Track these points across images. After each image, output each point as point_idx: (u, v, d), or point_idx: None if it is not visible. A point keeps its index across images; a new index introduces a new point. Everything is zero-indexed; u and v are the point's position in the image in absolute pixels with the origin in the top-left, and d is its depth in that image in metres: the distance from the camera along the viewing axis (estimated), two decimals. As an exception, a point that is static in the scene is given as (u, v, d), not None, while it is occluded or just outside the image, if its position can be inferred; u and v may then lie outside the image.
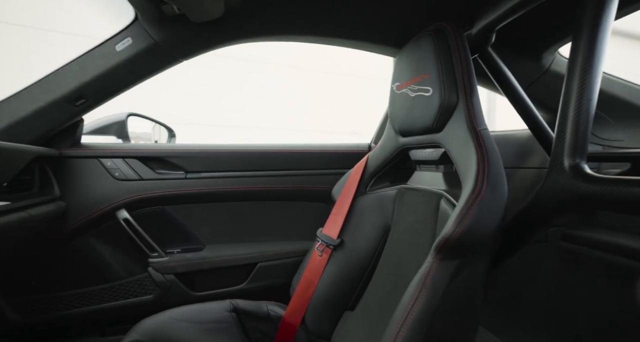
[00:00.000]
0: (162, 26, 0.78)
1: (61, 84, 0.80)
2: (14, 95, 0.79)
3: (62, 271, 0.93)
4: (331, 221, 0.88)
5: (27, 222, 0.71)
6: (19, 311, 0.88)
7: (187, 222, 1.04)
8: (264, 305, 0.90)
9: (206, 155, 1.04)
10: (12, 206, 0.69)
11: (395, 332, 0.44)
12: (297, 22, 0.85)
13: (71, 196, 0.90)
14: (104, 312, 0.94)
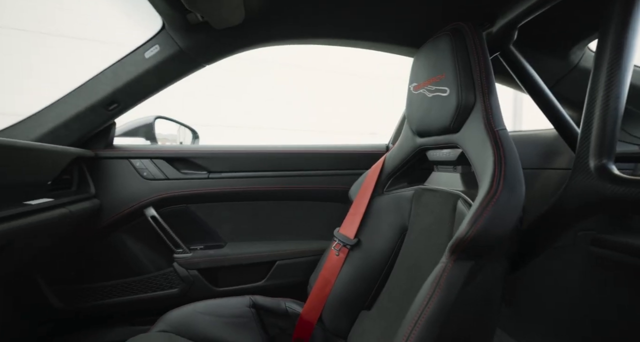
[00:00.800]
0: (187, 34, 0.82)
1: (97, 90, 0.86)
2: (57, 102, 0.86)
3: (97, 264, 1.00)
4: (348, 221, 0.89)
5: (67, 218, 0.77)
6: (62, 299, 0.96)
7: (209, 220, 1.08)
8: (282, 302, 0.93)
9: (228, 156, 1.08)
10: (55, 203, 0.75)
11: (409, 330, 0.44)
12: (315, 26, 0.87)
13: (104, 194, 0.97)
14: (134, 303, 1.00)
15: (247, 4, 0.73)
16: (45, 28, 3.07)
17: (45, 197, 0.75)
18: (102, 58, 0.87)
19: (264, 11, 0.79)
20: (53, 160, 0.78)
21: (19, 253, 0.72)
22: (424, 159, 0.81)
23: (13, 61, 2.99)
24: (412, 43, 0.90)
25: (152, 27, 0.86)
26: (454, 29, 0.62)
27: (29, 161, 0.70)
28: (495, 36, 0.74)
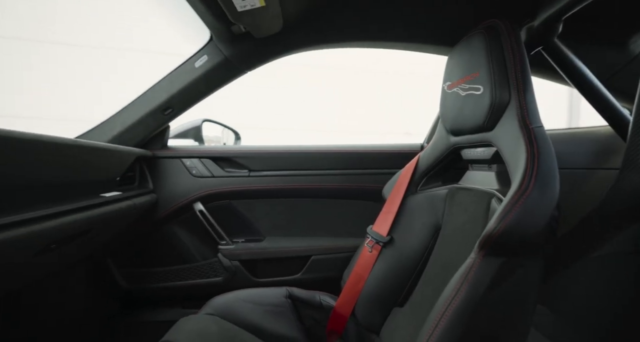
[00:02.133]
0: (231, 43, 0.90)
1: (155, 97, 0.97)
2: (123, 109, 0.98)
3: (154, 252, 1.13)
4: (381, 219, 0.90)
5: (132, 210, 0.89)
6: (128, 280, 1.10)
7: (250, 215, 1.16)
8: (317, 295, 0.97)
9: (267, 156, 1.15)
10: (123, 196, 0.87)
11: (435, 322, 0.46)
12: (350, 30, 0.90)
13: (160, 190, 1.09)
14: (184, 288, 1.11)
15: (285, 13, 0.79)
16: (111, 44, 3.47)
17: (115, 191, 0.87)
18: (161, 66, 0.98)
19: (301, 18, 0.84)
20: (121, 160, 0.90)
21: (96, 238, 0.85)
22: (459, 158, 0.80)
23: (87, 74, 3.41)
24: (448, 42, 0.89)
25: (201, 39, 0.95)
26: (489, 26, 0.61)
27: (104, 160, 0.82)
28: (537, 31, 0.71)
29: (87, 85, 3.41)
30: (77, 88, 3.42)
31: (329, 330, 0.92)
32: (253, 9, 0.70)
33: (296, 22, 0.86)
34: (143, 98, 0.98)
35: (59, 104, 3.39)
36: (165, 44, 3.22)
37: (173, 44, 1.00)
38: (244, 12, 0.71)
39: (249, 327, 0.81)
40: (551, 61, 0.75)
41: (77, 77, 3.46)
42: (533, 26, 0.72)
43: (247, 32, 0.85)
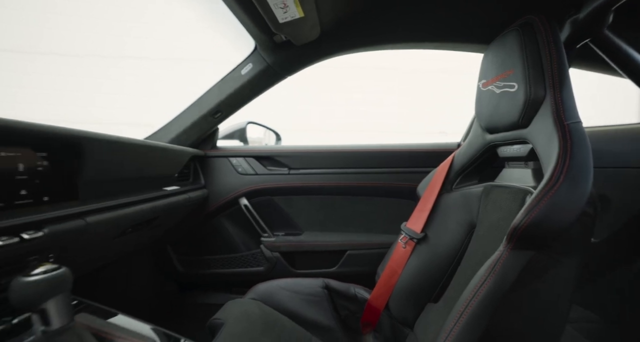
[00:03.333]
0: (273, 52, 0.98)
1: (207, 102, 1.09)
2: (181, 113, 1.11)
3: (205, 241, 1.26)
4: (415, 216, 0.92)
5: (188, 202, 1.01)
6: (183, 265, 1.24)
7: (289, 210, 1.24)
8: (352, 287, 1.01)
9: (306, 155, 1.22)
10: (181, 190, 1.00)
11: (460, 312, 0.47)
12: (386, 33, 0.93)
13: (210, 185, 1.21)
14: (230, 275, 1.22)
15: (322, 22, 0.84)
16: (173, 55, 3.85)
17: (174, 186, 1.00)
18: (213, 73, 1.09)
19: (338, 25, 0.89)
20: (179, 158, 1.03)
21: (160, 226, 0.98)
22: (495, 156, 0.79)
23: (154, 82, 3.82)
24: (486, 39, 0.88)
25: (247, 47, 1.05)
26: (524, 23, 0.61)
27: (166, 158, 0.95)
28: (583, 22, 0.69)
29: (153, 92, 3.80)
30: (146, 96, 3.84)
31: (363, 321, 0.95)
32: (293, 20, 0.77)
33: (333, 29, 0.91)
34: (197, 103, 1.10)
35: (130, 109, 3.83)
36: (219, 53, 3.48)
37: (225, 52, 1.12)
38: (284, 23, 0.78)
39: (287, 313, 0.88)
40: (600, 53, 0.71)
41: (145, 86, 3.88)
42: (578, 18, 0.69)
43: (288, 41, 0.92)
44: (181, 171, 1.08)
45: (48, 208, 0.56)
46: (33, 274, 0.37)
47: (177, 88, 3.55)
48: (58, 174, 0.60)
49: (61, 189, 0.61)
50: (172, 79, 3.83)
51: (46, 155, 0.58)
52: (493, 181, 0.79)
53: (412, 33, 0.92)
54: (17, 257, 0.48)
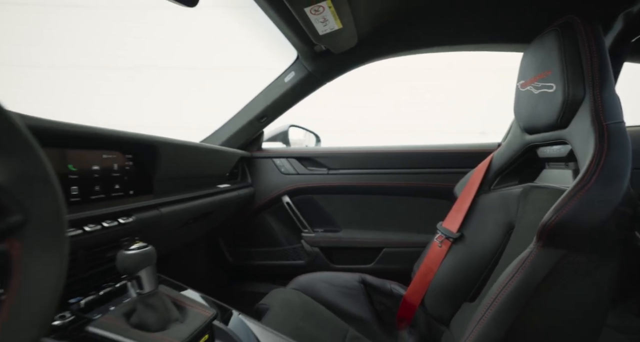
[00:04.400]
0: (313, 60, 1.05)
1: (254, 108, 1.20)
2: (231, 119, 1.24)
3: (251, 235, 1.37)
4: (452, 216, 0.93)
5: (237, 199, 1.13)
6: (233, 257, 1.37)
7: (328, 208, 1.31)
8: (388, 283, 1.05)
9: (344, 156, 1.28)
10: (231, 187, 1.12)
11: (488, 304, 0.50)
12: (424, 37, 0.96)
13: (256, 184, 1.32)
14: (273, 267, 1.33)
15: (359, 30, 0.90)
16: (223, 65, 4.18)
17: (226, 184, 1.12)
18: (259, 80, 1.20)
19: (374, 33, 0.94)
20: (230, 159, 1.15)
21: (213, 220, 1.11)
22: (535, 157, 0.78)
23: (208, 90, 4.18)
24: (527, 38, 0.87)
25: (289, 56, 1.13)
26: (564, 23, 0.61)
27: (220, 159, 1.07)
28: (638, 16, 0.66)
29: (207, 98, 4.16)
30: (200, 101, 4.21)
31: (399, 317, 0.99)
32: (332, 32, 0.84)
33: (370, 36, 0.96)
34: (245, 109, 1.22)
35: (193, 115, 4.22)
36: (265, 61, 3.72)
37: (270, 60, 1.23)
38: (324, 35, 0.85)
39: (325, 303, 0.95)
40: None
41: (199, 93, 4.25)
42: (632, 12, 0.67)
43: (327, 50, 0.99)
44: (231, 170, 1.21)
45: (133, 200, 0.69)
46: (131, 249, 0.48)
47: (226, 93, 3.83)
48: (139, 172, 0.73)
49: (141, 185, 0.74)
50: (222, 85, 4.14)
51: (131, 157, 0.72)
52: (533, 181, 0.78)
53: (450, 36, 0.93)
54: (116, 237, 0.60)
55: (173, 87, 4.32)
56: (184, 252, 1.19)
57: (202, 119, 3.38)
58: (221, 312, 0.63)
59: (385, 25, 0.92)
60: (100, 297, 0.54)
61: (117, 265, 0.48)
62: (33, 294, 0.25)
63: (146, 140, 0.72)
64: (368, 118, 4.35)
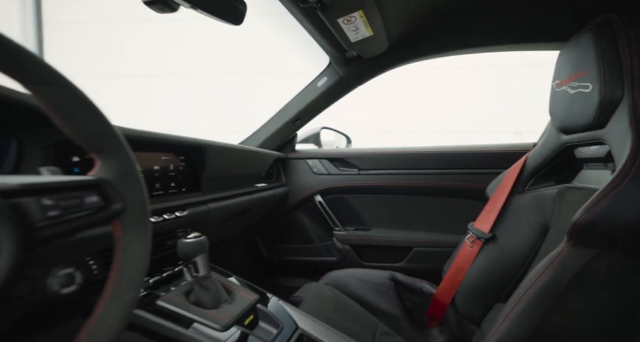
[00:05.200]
0: (345, 66, 1.10)
1: (289, 112, 1.27)
2: (267, 122, 1.32)
3: (285, 232, 1.45)
4: (483, 217, 0.93)
5: (272, 197, 1.20)
6: (267, 251, 1.45)
7: (359, 207, 1.35)
8: (418, 281, 1.07)
9: (374, 157, 1.31)
10: (267, 187, 1.20)
11: (516, 300, 0.51)
12: (455, 39, 0.97)
13: (290, 184, 1.40)
14: (306, 263, 1.39)
15: (390, 36, 0.93)
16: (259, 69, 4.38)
17: (262, 183, 1.21)
18: (294, 83, 1.27)
19: (405, 37, 0.97)
20: (266, 160, 1.23)
21: (251, 217, 1.20)
22: (572, 157, 0.76)
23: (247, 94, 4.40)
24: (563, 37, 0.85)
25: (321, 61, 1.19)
26: (602, 22, 0.60)
27: (257, 160, 1.16)
28: None
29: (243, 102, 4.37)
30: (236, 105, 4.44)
31: (429, 315, 1.00)
32: (363, 39, 0.88)
33: (401, 40, 0.99)
34: (280, 113, 1.30)
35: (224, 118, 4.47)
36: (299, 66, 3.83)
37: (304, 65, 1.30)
38: (356, 42, 0.89)
39: (356, 298, 0.99)
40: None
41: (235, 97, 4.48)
42: None
43: (358, 55, 1.03)
44: (267, 170, 1.29)
45: (185, 196, 0.78)
46: (189, 237, 0.56)
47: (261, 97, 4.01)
48: (190, 172, 0.83)
49: (192, 183, 0.83)
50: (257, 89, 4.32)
51: (184, 158, 0.81)
52: (570, 182, 0.77)
53: (483, 38, 0.93)
54: (173, 228, 0.70)
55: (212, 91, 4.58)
56: (223, 247, 1.29)
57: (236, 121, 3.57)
58: (262, 297, 0.70)
59: (415, 29, 0.94)
60: (163, 278, 0.63)
61: (178, 251, 0.56)
62: (130, 262, 0.33)
63: (196, 143, 0.81)
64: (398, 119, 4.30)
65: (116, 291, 0.32)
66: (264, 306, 0.68)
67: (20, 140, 0.47)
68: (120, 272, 0.32)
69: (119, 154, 0.34)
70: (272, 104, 1.33)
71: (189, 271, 0.58)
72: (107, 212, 0.32)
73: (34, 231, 0.26)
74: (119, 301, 0.32)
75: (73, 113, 0.31)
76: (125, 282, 0.32)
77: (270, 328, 0.61)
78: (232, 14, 0.66)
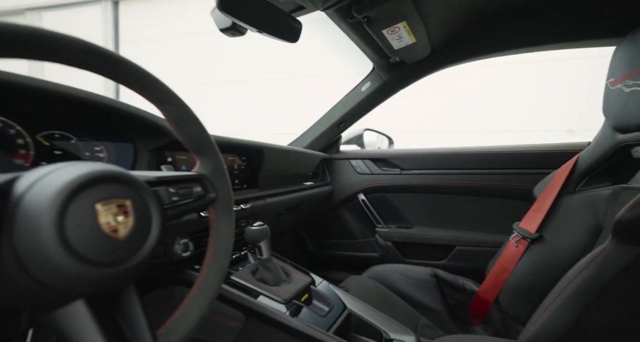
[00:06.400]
0: (388, 71, 1.16)
1: (334, 115, 1.35)
2: (313, 125, 1.42)
3: (330, 228, 1.54)
4: (530, 217, 0.93)
5: (318, 195, 1.30)
6: (314, 246, 1.56)
7: (401, 206, 1.39)
8: (460, 279, 1.09)
9: (416, 157, 1.34)
10: (314, 185, 1.30)
11: (557, 293, 0.53)
12: (499, 41, 0.98)
13: (334, 183, 1.48)
14: (349, 257, 1.47)
15: (432, 41, 0.97)
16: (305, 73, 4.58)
17: (309, 182, 1.31)
18: (341, 88, 1.35)
19: (447, 42, 1.00)
20: (313, 160, 1.33)
21: (300, 212, 1.31)
22: (628, 157, 0.74)
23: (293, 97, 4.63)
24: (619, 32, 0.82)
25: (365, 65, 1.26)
26: None
27: (305, 160, 1.26)
28: None
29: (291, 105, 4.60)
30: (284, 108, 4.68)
31: (472, 312, 1.02)
32: (406, 46, 0.93)
33: (443, 45, 1.02)
34: (326, 116, 1.39)
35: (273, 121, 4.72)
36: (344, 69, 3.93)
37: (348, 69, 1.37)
38: (399, 49, 0.95)
39: (397, 292, 1.04)
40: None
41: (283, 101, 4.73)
42: None
43: (401, 61, 1.08)
44: (314, 170, 1.39)
45: (246, 192, 0.91)
46: (255, 225, 0.67)
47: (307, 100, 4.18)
48: (250, 171, 0.95)
49: (251, 181, 0.96)
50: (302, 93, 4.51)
51: (245, 158, 0.94)
52: (626, 183, 0.74)
53: (530, 38, 0.93)
54: (238, 219, 0.82)
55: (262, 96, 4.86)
56: (274, 241, 1.42)
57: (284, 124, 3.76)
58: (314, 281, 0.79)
59: (458, 34, 0.97)
60: (232, 260, 0.75)
61: (246, 237, 0.67)
62: (221, 239, 0.43)
63: (256, 146, 0.93)
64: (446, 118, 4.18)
65: (214, 259, 0.43)
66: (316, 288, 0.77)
67: (135, 145, 0.61)
68: (215, 246, 0.42)
69: (213, 156, 0.45)
70: (313, 106, 1.41)
71: (252, 255, 0.69)
72: (205, 200, 0.43)
73: (166, 210, 0.37)
74: (216, 266, 0.42)
75: (184, 124, 0.42)
76: (218, 252, 0.43)
77: (323, 306, 0.70)
78: (289, 33, 0.76)
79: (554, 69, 3.56)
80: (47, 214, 0.25)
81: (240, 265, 0.75)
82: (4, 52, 0.26)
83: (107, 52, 0.33)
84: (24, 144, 0.47)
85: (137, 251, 0.31)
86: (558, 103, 3.58)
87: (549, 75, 3.64)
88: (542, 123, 3.65)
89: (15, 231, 0.25)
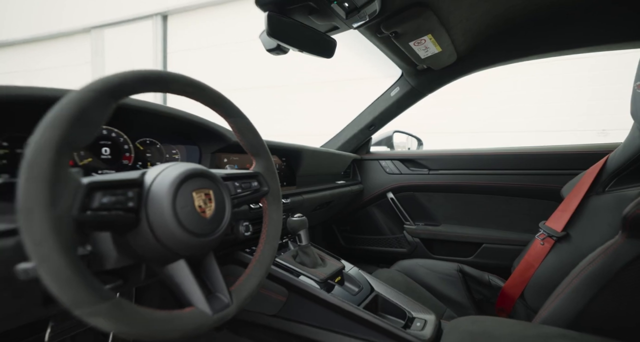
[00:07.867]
0: (416, 77, 1.22)
1: (364, 118, 1.44)
2: (345, 127, 1.52)
3: (359, 224, 1.63)
4: (557, 216, 0.95)
5: (349, 193, 1.40)
6: (344, 240, 1.66)
7: (429, 205, 1.44)
8: (486, 275, 1.13)
9: (444, 158, 1.39)
10: (345, 184, 1.40)
11: (568, 282, 0.59)
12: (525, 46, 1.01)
13: (365, 182, 1.57)
14: (377, 252, 1.55)
15: (458, 49, 1.03)
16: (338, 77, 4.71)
17: (341, 180, 1.41)
18: (370, 90, 1.44)
19: (473, 49, 1.05)
20: (345, 161, 1.43)
21: (332, 208, 1.41)
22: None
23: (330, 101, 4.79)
24: None
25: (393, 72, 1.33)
26: None
27: (337, 161, 1.36)
28: None
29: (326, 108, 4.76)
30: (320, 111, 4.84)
31: (498, 307, 1.06)
32: (433, 55, 1.00)
33: (469, 52, 1.07)
34: (357, 119, 1.48)
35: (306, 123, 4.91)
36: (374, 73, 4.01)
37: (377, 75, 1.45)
38: (426, 58, 1.02)
39: (424, 285, 1.11)
40: None
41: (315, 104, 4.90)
42: None
43: (429, 67, 1.15)
44: (345, 170, 1.49)
45: (285, 189, 1.03)
46: (295, 216, 0.79)
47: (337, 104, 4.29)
48: (289, 170, 1.07)
49: (289, 179, 1.08)
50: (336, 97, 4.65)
51: (285, 159, 1.06)
52: None
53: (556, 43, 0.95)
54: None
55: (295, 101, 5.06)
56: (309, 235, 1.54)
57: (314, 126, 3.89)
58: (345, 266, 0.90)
59: (483, 41, 1.02)
60: None
61: (287, 226, 0.79)
62: (273, 225, 0.55)
63: (295, 148, 1.05)
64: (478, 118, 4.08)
65: (267, 239, 0.54)
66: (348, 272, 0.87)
67: (200, 148, 0.76)
68: (268, 230, 0.54)
69: (266, 158, 0.57)
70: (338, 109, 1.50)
71: (292, 243, 0.81)
72: (260, 192, 0.55)
73: (233, 199, 0.49)
74: (269, 245, 0.54)
75: (246, 132, 0.54)
76: (270, 235, 0.55)
77: (353, 287, 0.80)
78: (325, 50, 0.87)
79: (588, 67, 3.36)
80: (166, 198, 0.38)
81: (282, 251, 0.87)
82: (147, 89, 0.39)
83: (198, 83, 0.46)
84: (129, 148, 0.62)
85: (218, 227, 0.44)
86: (592, 103, 3.37)
87: (584, 75, 3.44)
88: (575, 123, 3.44)
89: (149, 209, 0.38)
